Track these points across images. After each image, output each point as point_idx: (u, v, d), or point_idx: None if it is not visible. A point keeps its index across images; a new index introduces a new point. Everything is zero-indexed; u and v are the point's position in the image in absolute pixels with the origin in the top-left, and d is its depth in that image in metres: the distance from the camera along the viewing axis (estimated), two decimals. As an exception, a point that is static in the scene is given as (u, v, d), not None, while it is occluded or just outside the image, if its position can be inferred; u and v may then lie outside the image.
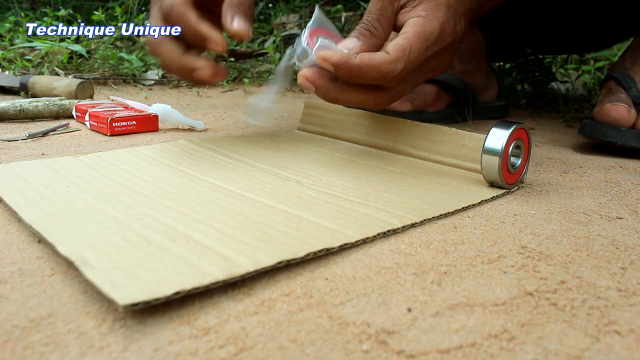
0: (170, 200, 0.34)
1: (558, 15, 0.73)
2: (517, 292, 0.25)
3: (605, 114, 0.55)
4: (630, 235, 0.32)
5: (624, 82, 0.58)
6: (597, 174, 0.48)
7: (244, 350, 0.20)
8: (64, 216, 0.30)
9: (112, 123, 0.59)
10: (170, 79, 1.16)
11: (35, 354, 0.19)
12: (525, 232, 0.32)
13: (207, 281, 0.23)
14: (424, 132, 0.48)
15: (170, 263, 0.25)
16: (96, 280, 0.22)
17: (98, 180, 0.38)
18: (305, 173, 0.42)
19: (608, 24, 0.76)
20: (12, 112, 0.66)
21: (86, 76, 1.07)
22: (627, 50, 0.65)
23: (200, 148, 0.49)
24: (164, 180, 0.38)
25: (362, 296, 0.24)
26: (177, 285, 0.22)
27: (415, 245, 0.30)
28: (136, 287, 0.22)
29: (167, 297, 0.22)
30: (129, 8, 1.50)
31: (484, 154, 0.38)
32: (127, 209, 0.32)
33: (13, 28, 1.31)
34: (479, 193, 0.39)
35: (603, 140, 0.55)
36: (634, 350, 0.20)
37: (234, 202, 0.34)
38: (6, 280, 0.25)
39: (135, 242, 0.27)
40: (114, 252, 0.26)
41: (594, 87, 1.04)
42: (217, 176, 0.40)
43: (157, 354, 0.19)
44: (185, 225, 0.30)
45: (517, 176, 0.41)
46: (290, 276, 0.26)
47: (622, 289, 0.25)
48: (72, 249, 0.26)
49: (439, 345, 0.20)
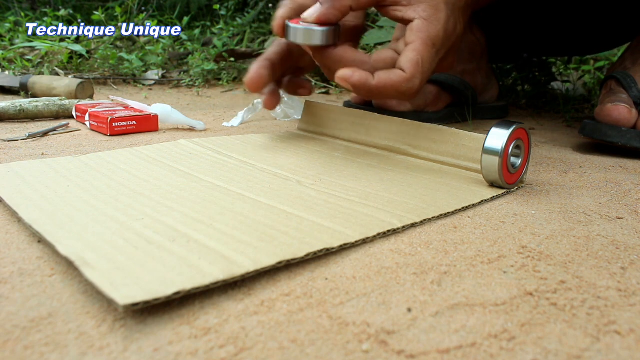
0: (170, 200, 0.34)
1: (559, 18, 0.73)
2: (517, 292, 0.25)
3: (606, 114, 0.55)
4: (630, 235, 0.32)
5: (625, 82, 0.58)
6: (597, 174, 0.48)
7: (244, 350, 0.20)
8: (63, 216, 0.30)
9: (112, 123, 0.59)
10: (170, 79, 1.16)
11: (35, 354, 0.19)
12: (525, 232, 0.32)
13: (207, 281, 0.23)
14: (424, 132, 0.48)
15: (170, 263, 0.25)
16: (96, 280, 0.22)
17: (98, 180, 0.38)
18: (305, 173, 0.42)
19: (610, 27, 0.76)
20: (12, 112, 0.66)
21: (86, 76, 1.07)
22: (627, 50, 0.65)
23: (200, 148, 0.49)
24: (164, 180, 0.38)
25: (362, 296, 0.24)
26: (177, 285, 0.22)
27: (415, 245, 0.30)
28: (136, 287, 0.22)
29: (167, 297, 0.22)
30: (129, 8, 1.50)
31: (484, 154, 0.38)
32: (127, 209, 0.32)
33: (13, 28, 1.31)
34: (479, 193, 0.39)
35: (604, 140, 0.55)
36: (634, 350, 0.20)
37: (234, 202, 0.34)
38: (6, 280, 0.25)
39: (135, 242, 0.27)
40: (114, 252, 0.26)
41: (594, 87, 1.04)
42: (217, 176, 0.40)
43: (157, 354, 0.19)
44: (186, 225, 0.30)
45: (517, 176, 0.41)
46: (290, 276, 0.26)
47: (622, 289, 0.25)
48: (72, 249, 0.26)
49: (439, 345, 0.20)
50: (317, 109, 0.58)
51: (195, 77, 1.14)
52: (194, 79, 1.14)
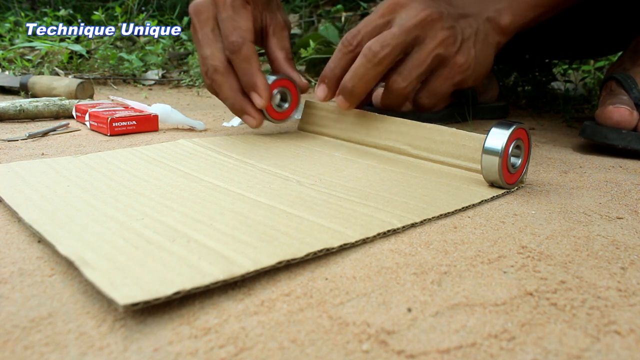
0: (170, 200, 0.34)
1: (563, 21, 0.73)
2: (517, 292, 0.25)
3: (607, 116, 0.55)
4: (630, 235, 0.32)
5: (625, 83, 0.58)
6: (597, 174, 0.48)
7: (244, 350, 0.20)
8: (63, 216, 0.30)
9: (112, 123, 0.59)
10: (170, 79, 1.15)
11: (35, 354, 0.19)
12: (525, 232, 0.32)
13: (207, 281, 0.23)
14: (424, 132, 0.48)
15: (170, 263, 0.25)
16: (96, 280, 0.22)
17: (98, 180, 0.38)
18: (305, 173, 0.42)
19: (613, 30, 0.76)
20: (12, 112, 0.66)
21: (86, 76, 1.07)
22: (626, 51, 0.65)
23: (200, 148, 0.49)
24: (164, 180, 0.38)
25: (362, 296, 0.24)
26: (177, 285, 0.22)
27: (415, 245, 0.30)
28: (136, 287, 0.22)
29: (167, 297, 0.22)
30: (129, 8, 1.50)
31: (484, 154, 0.38)
32: (127, 209, 0.32)
33: (13, 28, 1.31)
34: (479, 193, 0.39)
35: (604, 143, 0.55)
36: (634, 350, 0.20)
37: (234, 202, 0.34)
38: (6, 280, 0.25)
39: (135, 242, 0.27)
40: (114, 252, 0.26)
41: (594, 87, 1.04)
42: (217, 176, 0.40)
43: (157, 354, 0.19)
44: (186, 225, 0.30)
45: (517, 176, 0.41)
46: (290, 276, 0.26)
47: (622, 289, 0.25)
48: (72, 249, 0.26)
49: (439, 345, 0.20)
50: (317, 109, 0.58)
51: (195, 77, 1.14)
52: (194, 79, 1.14)
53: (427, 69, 0.49)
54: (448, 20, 0.48)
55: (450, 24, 0.48)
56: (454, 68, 0.50)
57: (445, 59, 0.49)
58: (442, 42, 0.48)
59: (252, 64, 0.51)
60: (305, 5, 1.61)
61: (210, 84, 0.53)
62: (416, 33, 0.48)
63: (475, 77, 0.52)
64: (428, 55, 0.48)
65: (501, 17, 0.52)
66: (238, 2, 0.51)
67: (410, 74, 0.49)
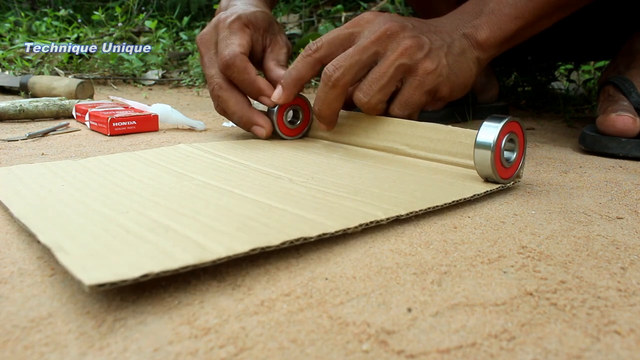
0: (158, 197, 0.34)
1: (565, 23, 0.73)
2: (517, 292, 0.25)
3: (610, 124, 0.55)
4: (630, 235, 0.32)
5: (624, 87, 0.57)
6: (597, 174, 0.48)
7: (244, 350, 0.20)
8: (51, 210, 0.31)
9: (112, 123, 0.59)
10: (170, 79, 1.15)
11: (35, 354, 0.19)
12: (525, 232, 0.32)
13: (176, 265, 0.23)
14: (421, 131, 0.48)
15: (143, 249, 0.25)
16: (68, 263, 0.22)
17: (93, 180, 0.38)
18: (299, 172, 0.42)
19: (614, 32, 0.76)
20: (12, 112, 0.66)
21: (86, 76, 1.07)
22: (618, 54, 0.65)
23: (197, 151, 0.49)
24: (156, 180, 0.38)
25: (362, 296, 0.24)
26: (146, 269, 0.22)
27: (415, 245, 0.30)
28: (106, 270, 0.22)
29: (135, 279, 0.21)
30: (129, 8, 1.50)
31: (476, 148, 0.38)
32: (115, 204, 0.32)
33: (13, 28, 1.31)
34: (471, 188, 0.38)
35: (605, 152, 0.55)
36: (634, 350, 0.20)
37: (221, 198, 0.34)
38: (6, 280, 0.25)
39: (114, 232, 0.27)
40: (92, 241, 0.26)
41: (594, 86, 1.04)
42: (210, 175, 0.40)
43: (157, 354, 0.19)
44: (168, 218, 0.30)
45: (512, 171, 0.40)
46: (290, 276, 0.26)
47: (622, 289, 0.25)
48: (51, 237, 0.26)
49: (439, 345, 0.20)
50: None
51: (195, 77, 1.14)
52: (194, 79, 1.14)
53: (390, 80, 0.47)
54: (413, 31, 0.47)
55: (414, 34, 0.47)
56: (422, 74, 0.47)
57: (411, 67, 0.47)
58: (405, 52, 0.46)
59: (249, 72, 0.52)
60: (305, 5, 1.61)
61: (217, 103, 0.54)
62: (374, 49, 0.47)
63: (451, 87, 0.50)
64: (389, 67, 0.47)
65: (477, 32, 0.51)
66: (236, 25, 0.53)
67: (371, 87, 0.47)
